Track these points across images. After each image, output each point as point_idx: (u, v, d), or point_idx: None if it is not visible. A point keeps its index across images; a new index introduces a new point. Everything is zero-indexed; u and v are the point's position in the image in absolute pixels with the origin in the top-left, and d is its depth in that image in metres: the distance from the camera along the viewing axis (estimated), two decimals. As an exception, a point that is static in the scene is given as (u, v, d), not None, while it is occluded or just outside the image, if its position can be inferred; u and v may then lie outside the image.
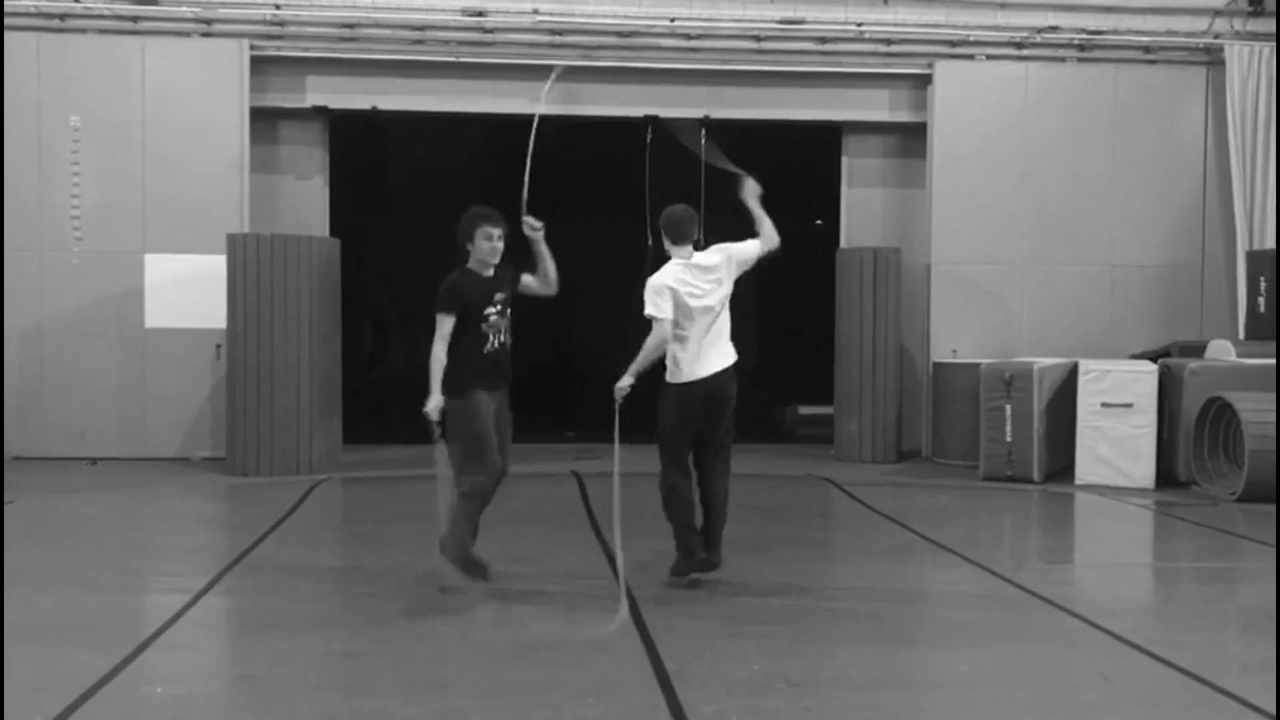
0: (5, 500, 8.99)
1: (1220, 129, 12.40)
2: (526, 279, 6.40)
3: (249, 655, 5.26)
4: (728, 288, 6.25)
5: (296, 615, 5.81)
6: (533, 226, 6.23)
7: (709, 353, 6.14)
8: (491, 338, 6.15)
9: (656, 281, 6.15)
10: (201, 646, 5.52)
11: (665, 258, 6.31)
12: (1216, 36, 12.42)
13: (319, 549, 7.74)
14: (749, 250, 6.34)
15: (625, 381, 5.99)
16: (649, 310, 6.08)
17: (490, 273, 6.23)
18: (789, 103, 12.56)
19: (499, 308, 6.18)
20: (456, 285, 6.16)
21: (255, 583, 6.52)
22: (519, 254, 6.40)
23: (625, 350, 6.22)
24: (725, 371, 6.19)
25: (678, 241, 6.27)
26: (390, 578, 6.56)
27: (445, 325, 6.09)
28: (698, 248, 6.32)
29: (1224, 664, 5.14)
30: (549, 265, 6.34)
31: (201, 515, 9.33)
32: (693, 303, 6.10)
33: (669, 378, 6.20)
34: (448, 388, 6.05)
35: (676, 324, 6.07)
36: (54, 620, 5.65)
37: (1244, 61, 12.24)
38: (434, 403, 5.99)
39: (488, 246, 6.15)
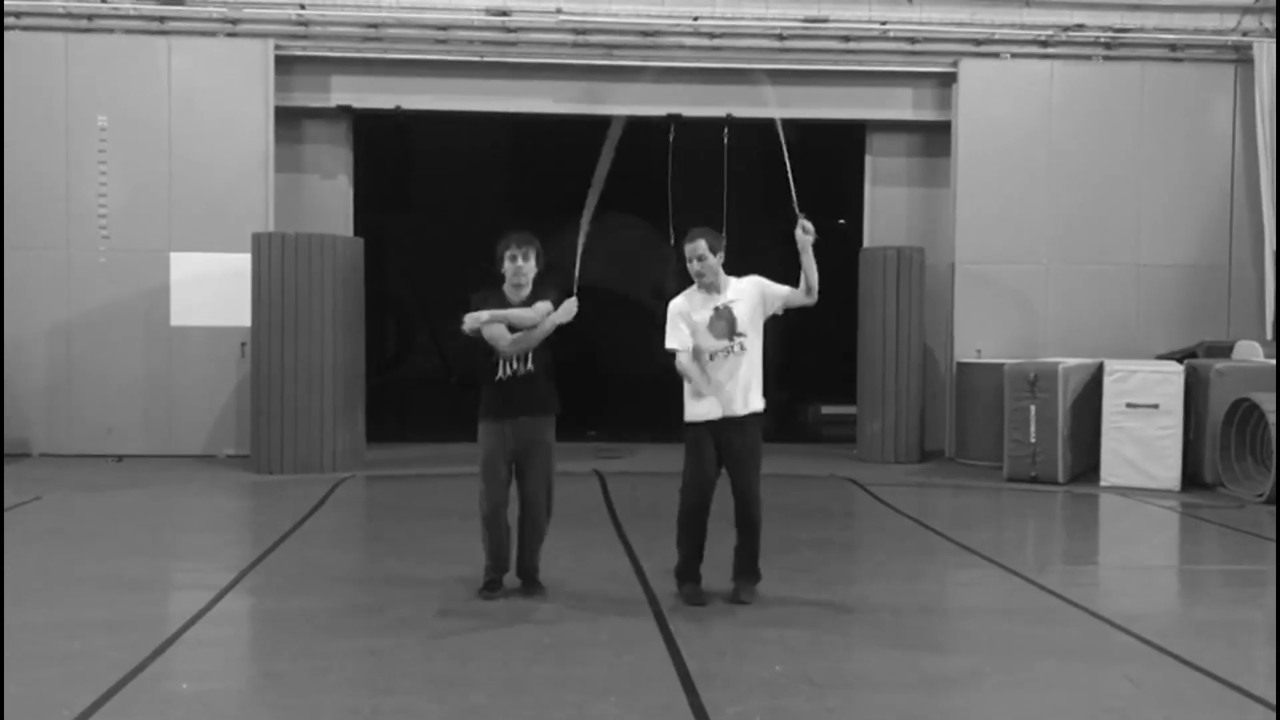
0: (33, 497, 9.09)
1: (1249, 127, 12.29)
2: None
3: (273, 652, 5.28)
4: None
5: (320, 613, 5.83)
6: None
7: None
8: (502, 366, 5.89)
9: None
10: (226, 643, 5.55)
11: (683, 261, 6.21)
12: (1245, 34, 12.31)
13: (342, 547, 7.78)
14: None
15: None
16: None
17: (519, 296, 5.97)
18: (812, 101, 12.53)
19: (516, 334, 5.87)
20: (479, 299, 6.00)
21: (279, 580, 6.55)
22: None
23: (647, 349, 6.19)
24: None
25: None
26: (413, 576, 6.58)
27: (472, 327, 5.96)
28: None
29: (1251, 668, 5.08)
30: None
31: (226, 512, 9.38)
32: None
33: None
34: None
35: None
36: (80, 616, 5.70)
37: (1272, 58, 12.11)
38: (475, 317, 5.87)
39: (510, 267, 5.94)
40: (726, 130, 12.67)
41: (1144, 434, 10.17)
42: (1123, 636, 5.55)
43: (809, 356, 17.82)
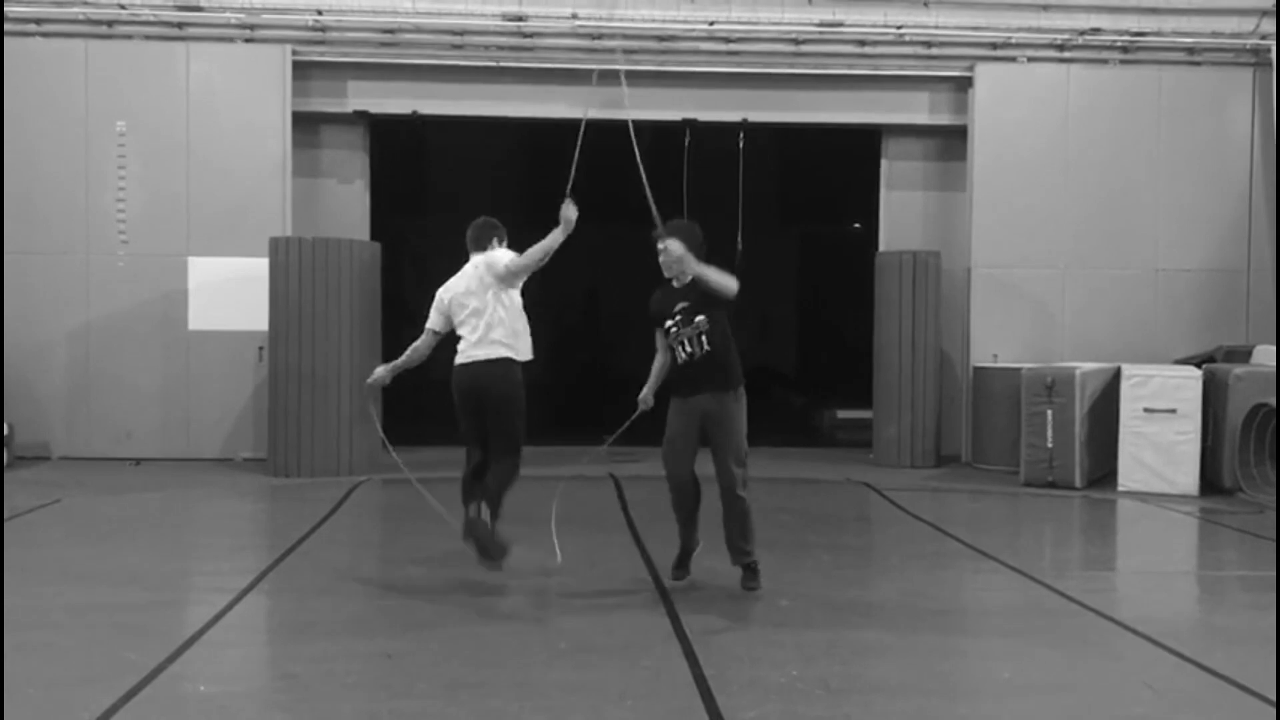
0: (53, 499, 9.14)
1: (1268, 131, 12.22)
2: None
3: (290, 655, 5.30)
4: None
5: (337, 615, 5.85)
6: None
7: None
8: (678, 349, 6.20)
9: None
10: (244, 646, 5.58)
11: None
12: (1263, 37, 12.23)
13: (359, 550, 7.80)
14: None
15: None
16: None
17: (682, 282, 6.23)
18: (828, 105, 12.53)
19: (679, 318, 6.17)
20: (653, 298, 6.37)
21: (296, 583, 6.57)
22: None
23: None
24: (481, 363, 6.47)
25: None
26: (430, 579, 6.60)
27: (658, 338, 6.38)
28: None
29: (1270, 674, 5.05)
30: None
31: (243, 516, 9.42)
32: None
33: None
34: None
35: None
36: (99, 619, 5.73)
37: (1291, 62, 12.05)
38: (643, 394, 6.47)
39: (661, 261, 6.24)
40: (742, 135, 12.67)
41: (1162, 439, 10.12)
42: (1142, 642, 5.52)
43: (825, 360, 17.80)
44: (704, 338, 6.13)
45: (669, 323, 6.22)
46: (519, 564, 6.62)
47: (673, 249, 6.15)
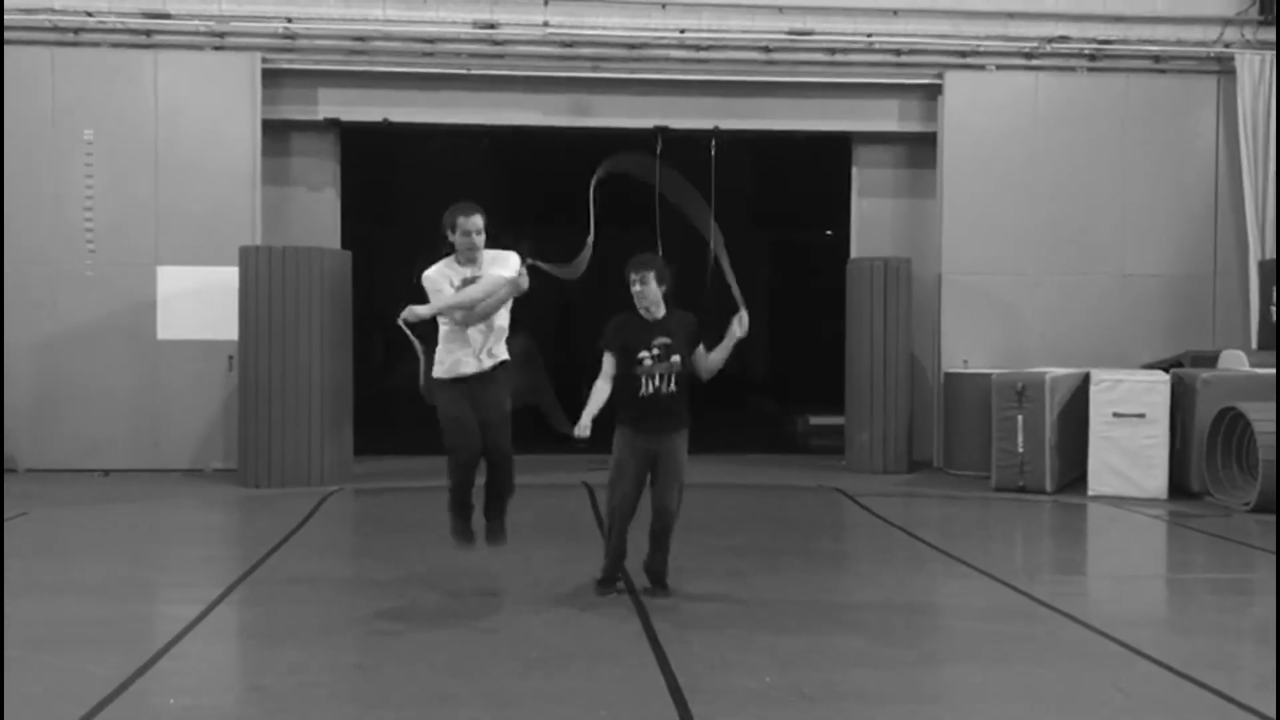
0: (19, 512, 9.04)
1: (1232, 138, 12.38)
2: (700, 353, 6.20)
3: (261, 666, 5.26)
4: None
5: (308, 627, 5.81)
6: (741, 323, 6.10)
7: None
8: (645, 383, 6.06)
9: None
10: (214, 658, 5.53)
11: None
12: (1227, 45, 12.41)
13: (331, 560, 7.75)
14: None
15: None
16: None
17: (654, 316, 6.14)
18: (798, 113, 12.59)
19: (656, 353, 6.07)
20: (617, 323, 6.19)
21: (267, 594, 6.53)
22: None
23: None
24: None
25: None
26: (401, 589, 6.56)
27: (607, 363, 6.17)
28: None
29: (1239, 676, 5.10)
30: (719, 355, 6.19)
31: (213, 527, 9.35)
32: None
33: None
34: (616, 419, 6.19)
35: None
36: (66, 631, 5.66)
37: (1255, 70, 12.22)
38: (581, 423, 5.97)
39: (634, 292, 6.13)
40: (714, 142, 12.70)
41: (1131, 443, 10.21)
42: (1112, 645, 5.56)
43: (797, 367, 17.88)
44: (674, 378, 6.11)
45: (643, 354, 6.08)
46: (490, 574, 6.59)
47: (649, 294, 6.10)
